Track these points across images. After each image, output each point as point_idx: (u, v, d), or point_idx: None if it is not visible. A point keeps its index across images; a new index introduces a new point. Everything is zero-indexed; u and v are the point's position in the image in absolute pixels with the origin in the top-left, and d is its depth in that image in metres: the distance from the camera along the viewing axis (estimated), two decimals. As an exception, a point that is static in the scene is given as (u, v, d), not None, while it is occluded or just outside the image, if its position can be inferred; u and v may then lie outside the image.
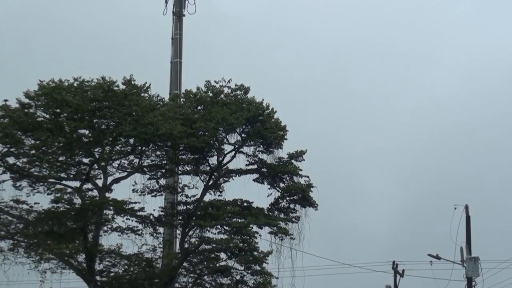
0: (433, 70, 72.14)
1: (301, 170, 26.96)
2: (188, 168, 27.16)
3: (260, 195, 27.04)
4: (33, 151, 24.88)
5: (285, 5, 71.77)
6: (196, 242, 26.74)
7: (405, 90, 71.48)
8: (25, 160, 25.10)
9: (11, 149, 24.78)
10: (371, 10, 75.38)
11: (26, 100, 25.01)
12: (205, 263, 27.58)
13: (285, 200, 27.38)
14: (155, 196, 27.19)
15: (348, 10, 74.71)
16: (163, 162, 26.93)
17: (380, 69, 71.61)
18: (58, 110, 25.07)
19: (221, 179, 27.11)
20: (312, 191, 27.06)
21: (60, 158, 25.40)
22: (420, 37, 73.14)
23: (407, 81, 72.42)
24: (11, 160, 25.01)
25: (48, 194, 25.49)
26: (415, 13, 75.11)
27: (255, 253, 26.69)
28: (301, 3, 71.65)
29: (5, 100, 24.97)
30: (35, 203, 25.32)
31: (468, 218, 35.89)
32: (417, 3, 75.97)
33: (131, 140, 25.76)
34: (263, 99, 26.49)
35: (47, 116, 25.25)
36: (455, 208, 35.75)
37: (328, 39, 70.93)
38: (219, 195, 27.17)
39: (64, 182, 25.61)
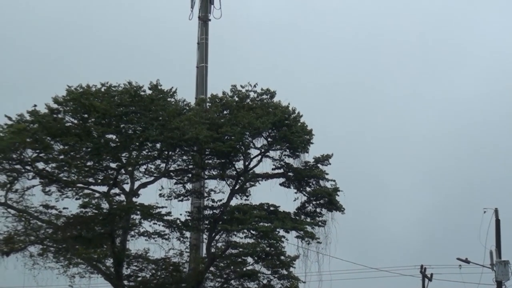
0: (462, 69, 71.39)
1: (327, 174, 26.91)
2: (214, 173, 27.22)
3: (287, 199, 27.08)
4: (61, 156, 25.13)
5: (310, 8, 71.54)
6: (223, 247, 26.77)
7: (432, 91, 70.92)
8: (54, 165, 25.36)
9: (41, 154, 25.07)
10: (396, 10, 74.81)
11: (55, 106, 25.32)
12: (232, 267, 27.58)
13: (311, 204, 27.32)
14: (181, 200, 27.30)
15: (373, 11, 74.30)
16: (190, 166, 27.03)
17: (407, 69, 71.03)
18: (86, 115, 25.34)
19: (247, 184, 27.13)
20: (338, 195, 26.98)
21: (88, 163, 25.65)
22: (447, 36, 72.36)
23: (434, 81, 71.85)
24: (40, 165, 25.31)
25: (76, 199, 25.71)
26: (442, 12, 74.44)
27: (282, 257, 26.65)
28: (326, 6, 71.41)
29: (34, 106, 25.31)
30: (64, 208, 25.60)
31: (497, 222, 35.59)
32: (444, 2, 75.23)
33: (158, 145, 25.91)
34: (289, 103, 26.55)
35: (75, 121, 25.53)
36: (485, 212, 35.51)
37: (353, 41, 70.69)
38: (245, 200, 27.19)
39: (92, 187, 25.82)
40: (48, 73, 58.86)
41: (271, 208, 26.75)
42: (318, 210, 27.27)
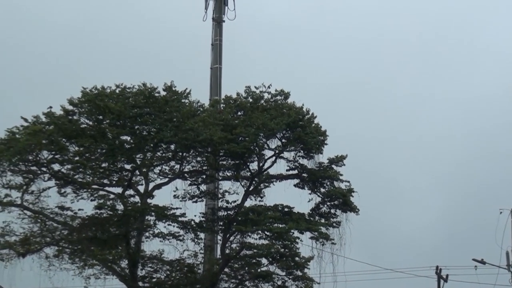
0: (475, 70, 71.01)
1: (341, 175, 26.84)
2: (228, 174, 27.23)
3: (301, 201, 27.04)
4: (77, 158, 25.22)
5: (325, 9, 71.41)
6: (237, 248, 26.78)
7: (447, 92, 70.50)
8: (69, 166, 25.45)
9: (56, 156, 25.18)
10: (410, 10, 74.43)
11: (70, 107, 25.41)
12: (246, 268, 27.59)
13: (326, 205, 27.27)
14: (196, 202, 27.32)
15: (385, 11, 73.92)
16: (204, 168, 27.06)
17: (420, 70, 70.70)
18: (100, 117, 25.41)
19: (261, 185, 27.12)
20: (353, 196, 26.91)
21: (103, 165, 25.69)
22: (461, 36, 71.96)
23: (448, 82, 71.49)
24: (56, 167, 25.42)
25: (91, 200, 25.78)
26: (452, 10, 74.01)
27: (297, 258, 26.64)
28: (338, 7, 71.24)
29: (50, 107, 25.45)
30: (79, 210, 25.68)
31: (514, 222, 35.34)
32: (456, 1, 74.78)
33: (172, 146, 25.96)
34: (303, 104, 26.50)
35: (90, 123, 25.61)
36: (501, 213, 35.36)
37: (367, 42, 70.45)
38: (259, 201, 27.19)
39: (106, 188, 25.90)
40: (64, 75, 59.14)
41: (286, 209, 26.72)
42: (332, 211, 27.22)
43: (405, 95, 68.66)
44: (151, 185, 26.10)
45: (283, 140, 26.39)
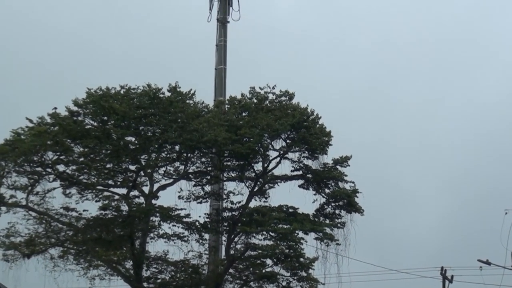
0: (480, 73, 70.87)
1: (346, 175, 26.83)
2: (233, 175, 27.24)
3: (306, 201, 27.02)
4: (81, 159, 25.25)
5: (331, 11, 71.46)
6: (242, 249, 26.78)
7: (454, 95, 70.46)
8: (74, 167, 25.49)
9: (61, 157, 25.22)
10: (415, 14, 74.34)
11: (75, 108, 25.45)
12: (251, 269, 27.59)
13: (330, 206, 27.25)
14: (200, 202, 27.34)
15: (392, 16, 73.82)
16: (208, 168, 27.07)
17: (428, 74, 70.56)
18: (105, 118, 25.43)
19: (266, 185, 27.12)
20: (357, 197, 26.89)
21: (108, 166, 25.74)
22: (470, 39, 71.83)
23: (453, 85, 71.37)
24: (61, 167, 25.45)
25: (96, 201, 25.78)
26: (464, 12, 73.88)
27: (301, 259, 26.60)
28: (347, 10, 71.24)
29: (55, 108, 25.49)
30: (84, 210, 25.70)
31: (519, 223, 35.23)
32: (465, 6, 74.66)
33: (177, 147, 25.98)
34: (307, 105, 26.49)
35: (95, 124, 25.65)
36: (506, 213, 35.26)
37: (373, 46, 70.39)
38: (264, 201, 27.19)
39: (111, 189, 25.93)
40: (69, 75, 59.23)
41: (290, 210, 26.71)
42: (337, 211, 27.19)
43: (413, 98, 68.67)
44: (155, 186, 26.12)
45: (288, 141, 26.39)
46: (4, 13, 62.86)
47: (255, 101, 26.73)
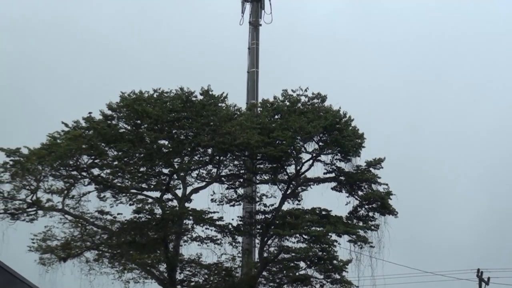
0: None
1: (379, 177, 26.67)
2: (266, 177, 27.22)
3: (338, 204, 26.95)
4: (115, 162, 25.43)
5: (363, 16, 71.16)
6: (275, 251, 26.73)
7: (492, 92, 69.55)
8: (108, 171, 25.66)
9: (96, 161, 25.43)
10: (458, 10, 73.27)
11: (109, 112, 25.67)
12: (284, 272, 27.51)
13: (363, 208, 27.10)
14: (233, 205, 27.39)
15: (431, 11, 73.06)
16: (241, 171, 27.10)
17: (466, 70, 69.76)
18: (138, 121, 25.60)
19: (299, 188, 27.06)
20: (391, 199, 26.70)
21: (141, 169, 25.86)
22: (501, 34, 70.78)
23: (495, 81, 70.35)
24: (95, 171, 25.68)
25: (130, 204, 25.94)
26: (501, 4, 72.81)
27: (335, 261, 26.46)
28: (380, 12, 70.82)
29: (90, 113, 25.73)
30: (118, 214, 25.88)
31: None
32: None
33: (209, 150, 26.05)
34: (340, 107, 26.41)
35: (129, 127, 25.81)
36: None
37: (409, 45, 69.93)
38: (297, 204, 27.13)
39: (145, 192, 26.05)
40: (104, 79, 59.93)
41: (323, 213, 26.63)
42: (370, 214, 27.03)
43: (449, 99, 67.98)
44: (188, 189, 26.21)
45: (320, 143, 26.32)
46: (41, 22, 63.83)
47: (288, 103, 26.71)
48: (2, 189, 24.85)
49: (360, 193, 26.91)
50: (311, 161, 26.61)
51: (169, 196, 26.20)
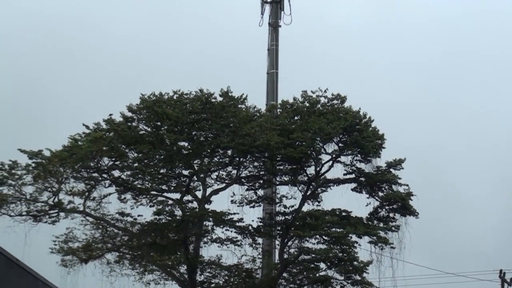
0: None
1: (400, 178, 26.54)
2: (285, 179, 27.20)
3: (359, 205, 26.85)
4: (136, 164, 25.52)
5: (383, 17, 70.81)
6: (295, 253, 26.70)
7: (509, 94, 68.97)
8: (128, 173, 25.77)
9: (116, 162, 25.56)
10: (480, 20, 72.70)
11: (129, 114, 25.78)
12: (304, 273, 27.46)
13: (384, 209, 26.99)
14: (253, 207, 27.38)
15: (447, 18, 72.57)
16: (261, 173, 27.09)
17: (481, 72, 69.27)
18: (158, 123, 25.68)
19: (319, 189, 27.01)
20: (412, 200, 26.56)
21: (161, 171, 25.92)
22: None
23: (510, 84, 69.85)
24: (116, 173, 25.81)
25: (150, 206, 26.02)
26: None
27: (355, 263, 26.37)
28: (401, 14, 70.44)
29: (110, 115, 25.86)
30: (138, 216, 25.97)
31: None
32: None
33: (229, 152, 26.07)
34: (360, 108, 26.34)
35: (149, 129, 25.91)
36: None
37: (430, 49, 69.52)
38: (317, 205, 27.07)
39: (165, 194, 26.13)
40: (124, 81, 60.28)
41: (343, 214, 26.54)
42: (391, 215, 26.91)
43: (468, 99, 67.47)
44: (208, 191, 26.25)
45: (340, 144, 26.25)
46: (66, 20, 64.31)
47: (307, 104, 26.67)
48: (24, 191, 25.07)
49: (380, 194, 26.81)
50: (331, 162, 26.56)
51: (189, 197, 26.27)
